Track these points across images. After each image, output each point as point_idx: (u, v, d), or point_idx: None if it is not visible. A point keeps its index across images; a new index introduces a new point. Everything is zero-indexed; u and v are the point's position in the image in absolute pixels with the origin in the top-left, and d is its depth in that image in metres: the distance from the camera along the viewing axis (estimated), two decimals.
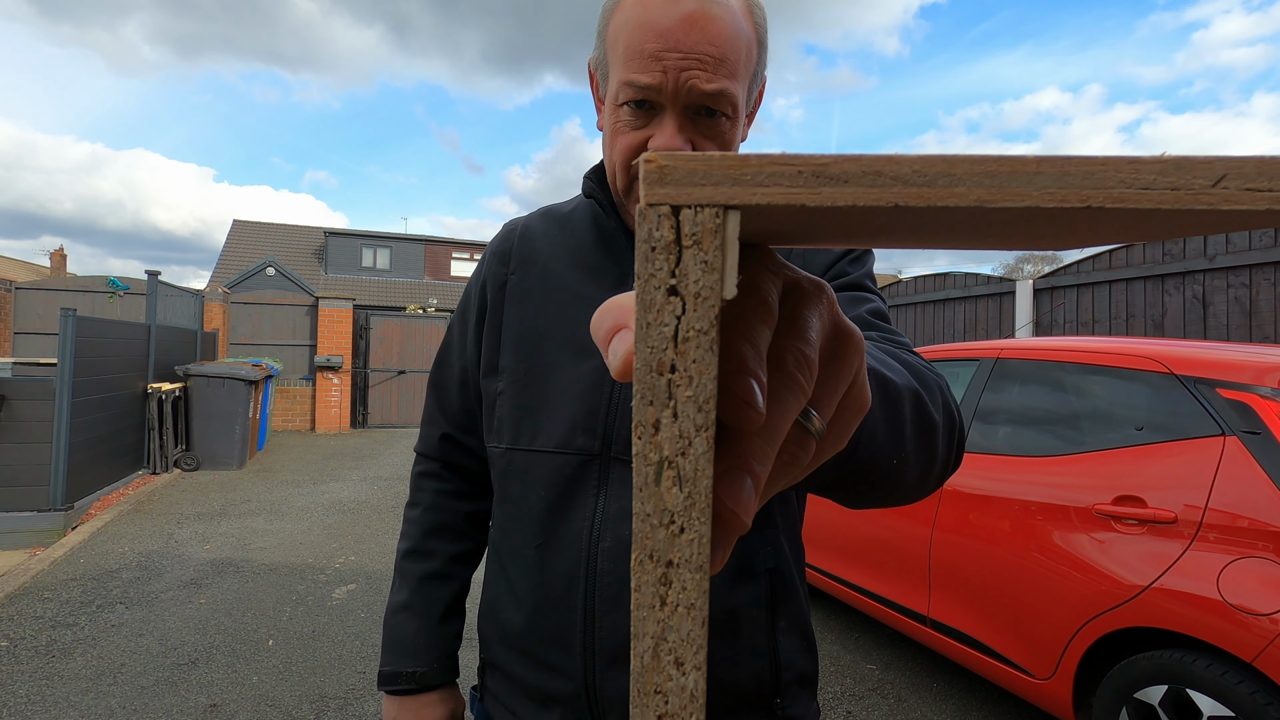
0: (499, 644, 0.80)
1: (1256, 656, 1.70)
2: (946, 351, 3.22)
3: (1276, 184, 0.17)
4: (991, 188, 0.17)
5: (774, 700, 0.73)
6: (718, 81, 0.64)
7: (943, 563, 2.66)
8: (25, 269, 24.93)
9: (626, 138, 0.69)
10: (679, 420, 0.18)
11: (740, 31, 0.66)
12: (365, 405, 11.61)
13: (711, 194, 0.18)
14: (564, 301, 0.77)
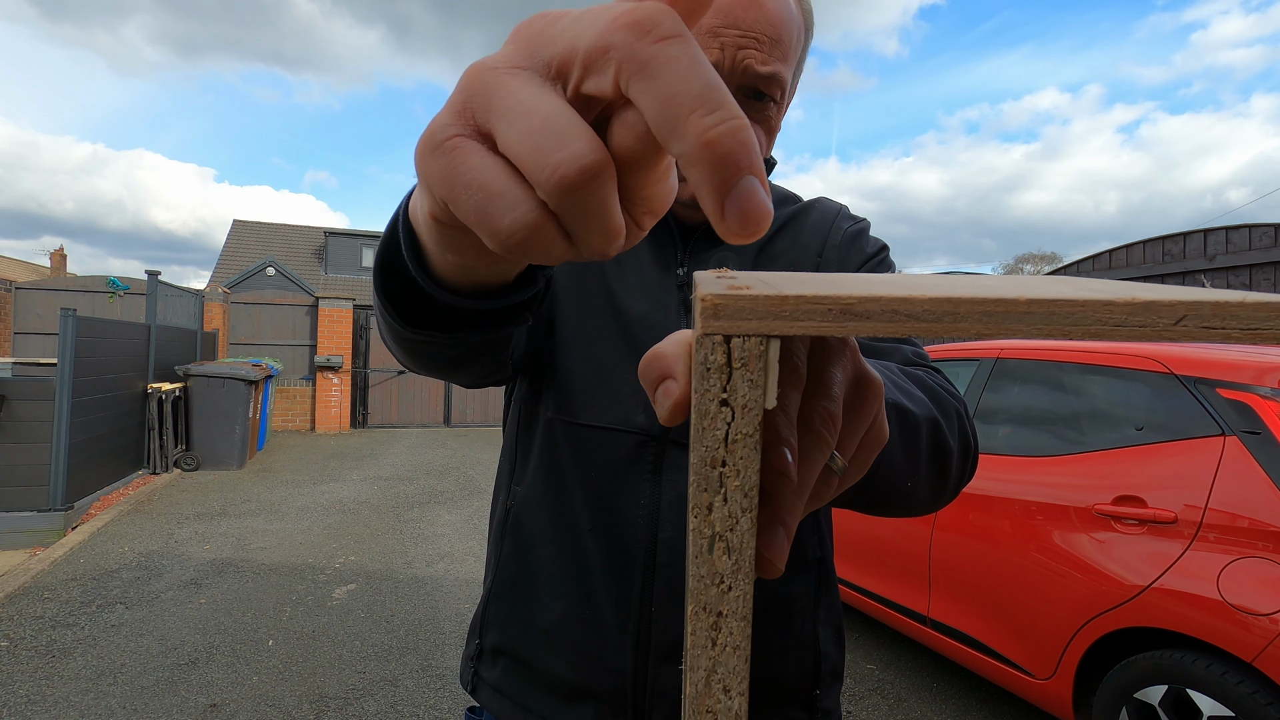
0: (520, 629, 0.73)
1: (1256, 656, 1.70)
2: (946, 351, 3.22)
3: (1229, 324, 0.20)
4: (989, 324, 0.21)
5: (814, 692, 0.72)
6: (772, 64, 0.64)
7: (943, 563, 2.66)
8: (25, 269, 24.93)
9: None
10: (728, 504, 0.22)
11: (793, 15, 0.66)
12: (365, 405, 11.61)
13: (756, 326, 0.22)
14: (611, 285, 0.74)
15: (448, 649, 3.22)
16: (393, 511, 5.87)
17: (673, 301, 0.72)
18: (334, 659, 3.09)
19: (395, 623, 3.51)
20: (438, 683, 2.89)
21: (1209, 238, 5.59)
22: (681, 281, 0.74)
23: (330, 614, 3.60)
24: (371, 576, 4.20)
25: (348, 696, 2.77)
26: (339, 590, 3.95)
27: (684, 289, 0.73)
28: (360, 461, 8.36)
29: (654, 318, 0.71)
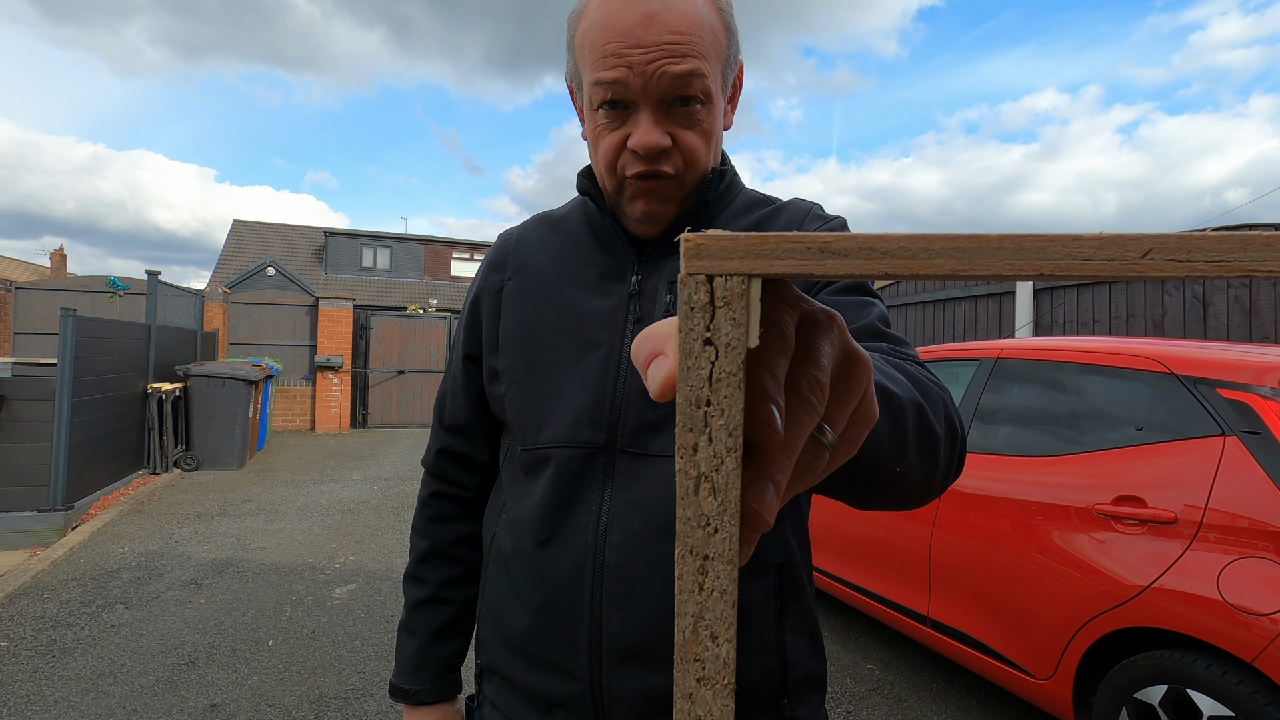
0: (501, 647, 0.78)
1: (1256, 656, 1.70)
2: (946, 351, 3.22)
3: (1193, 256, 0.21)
4: (963, 260, 0.22)
5: (781, 700, 0.71)
6: (687, 61, 0.65)
7: (943, 563, 2.66)
8: (25, 269, 24.92)
9: (607, 140, 0.70)
10: (713, 444, 0.23)
11: (703, 17, 0.66)
12: (365, 405, 11.61)
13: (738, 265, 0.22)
14: (562, 300, 0.77)
15: None
16: (393, 511, 5.87)
17: (619, 316, 0.74)
18: (334, 659, 3.09)
19: (395, 623, 3.50)
20: None
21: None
22: (633, 291, 0.75)
23: (330, 614, 3.60)
24: (371, 576, 4.20)
25: (348, 696, 2.76)
26: (339, 590, 3.95)
27: (635, 298, 0.74)
28: (360, 461, 8.36)
29: (598, 334, 0.74)
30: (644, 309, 0.74)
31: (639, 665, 0.67)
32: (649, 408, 0.71)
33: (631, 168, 0.70)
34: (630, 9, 0.65)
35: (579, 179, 0.79)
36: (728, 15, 0.70)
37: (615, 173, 0.71)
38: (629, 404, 0.71)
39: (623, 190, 0.72)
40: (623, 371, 0.72)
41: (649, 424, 0.71)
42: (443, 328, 12.22)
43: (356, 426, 11.51)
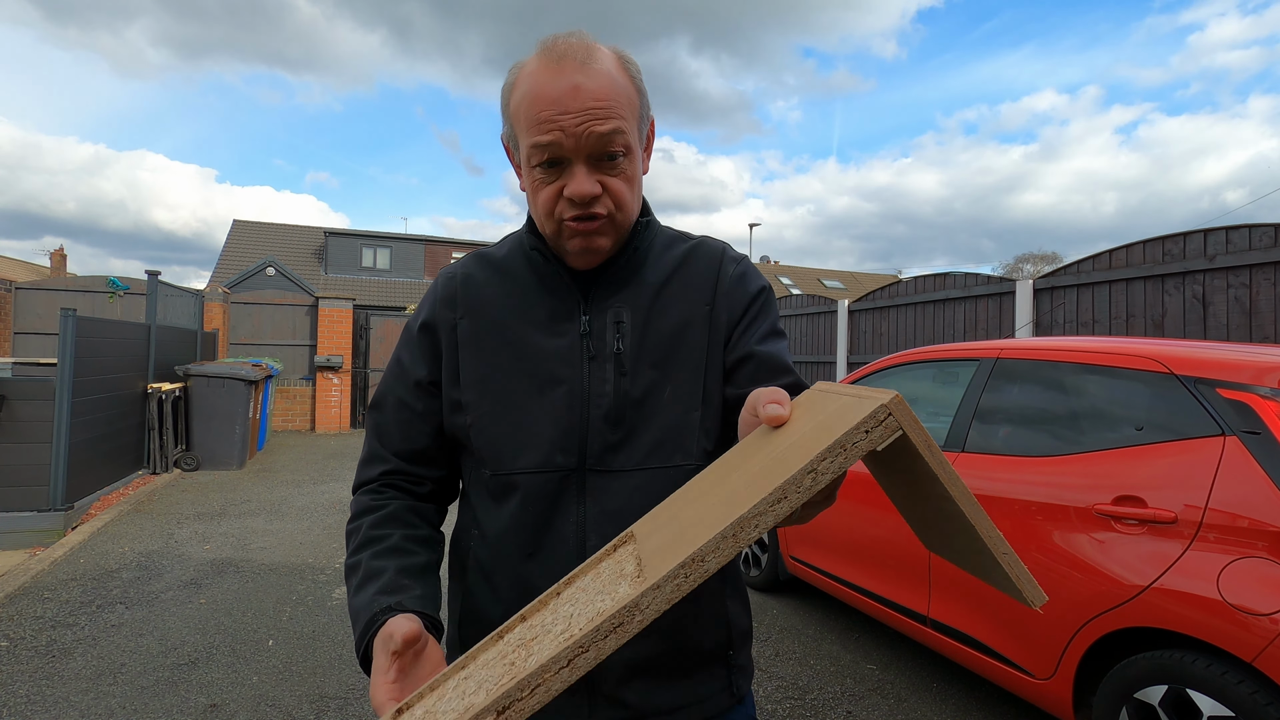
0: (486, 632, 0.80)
1: (1256, 656, 1.70)
2: (946, 351, 3.22)
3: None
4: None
5: (728, 652, 0.89)
6: (610, 122, 0.77)
7: (943, 563, 2.66)
8: (25, 269, 24.93)
9: (545, 192, 0.80)
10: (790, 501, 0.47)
11: (618, 85, 0.79)
12: (365, 405, 11.61)
13: (903, 434, 0.47)
14: (519, 340, 0.87)
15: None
16: None
17: (575, 354, 0.85)
18: (334, 659, 3.09)
19: None
20: None
21: (1209, 238, 5.58)
22: (584, 330, 0.86)
23: (330, 614, 3.60)
24: None
25: (348, 696, 2.77)
26: (339, 590, 3.95)
27: (586, 337, 0.86)
28: None
29: (561, 371, 0.85)
30: (595, 347, 0.85)
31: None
32: (610, 432, 0.83)
33: (569, 212, 0.80)
34: (558, 81, 0.76)
35: (526, 236, 0.89)
36: (638, 80, 0.83)
37: (554, 218, 0.82)
38: (593, 430, 0.83)
39: (561, 233, 0.83)
40: (586, 404, 0.84)
41: (612, 445, 0.83)
42: None
43: (356, 426, 11.51)
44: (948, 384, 3.14)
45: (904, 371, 3.46)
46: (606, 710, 0.82)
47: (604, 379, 0.84)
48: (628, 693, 0.82)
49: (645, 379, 0.85)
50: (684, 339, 0.87)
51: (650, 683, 0.83)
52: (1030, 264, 39.55)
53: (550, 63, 0.77)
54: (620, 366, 0.84)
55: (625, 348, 0.85)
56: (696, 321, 0.87)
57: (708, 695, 0.86)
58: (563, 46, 0.78)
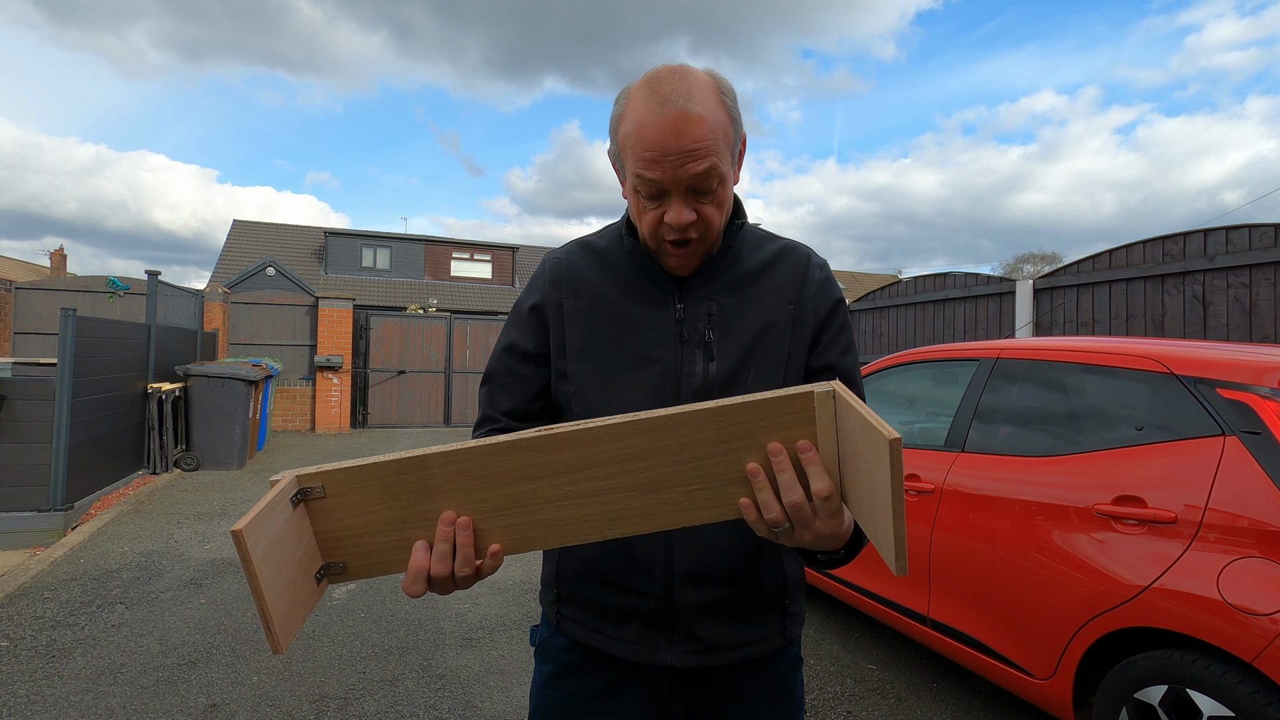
0: (581, 579, 1.00)
1: (1256, 656, 1.70)
2: (946, 351, 3.22)
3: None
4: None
5: (784, 601, 1.01)
6: (706, 161, 0.86)
7: (943, 563, 2.66)
8: (25, 269, 24.92)
9: (649, 216, 0.93)
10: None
11: (715, 121, 0.87)
12: (365, 405, 11.61)
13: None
14: (619, 321, 0.99)
15: (447, 649, 3.22)
16: None
17: (669, 336, 0.97)
18: (334, 659, 3.09)
19: (395, 623, 3.51)
20: (438, 683, 2.89)
21: (1209, 238, 5.58)
22: (679, 316, 0.98)
23: (330, 614, 3.60)
24: None
25: (348, 696, 2.77)
26: (339, 590, 3.95)
27: (680, 324, 0.97)
28: None
29: (658, 352, 0.97)
30: (688, 333, 0.97)
31: (697, 585, 0.95)
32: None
33: (668, 235, 0.92)
34: (661, 120, 0.85)
35: (626, 239, 1.01)
36: (733, 109, 0.91)
37: (655, 238, 0.95)
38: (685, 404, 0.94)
39: (660, 249, 0.96)
40: (678, 382, 0.96)
41: None
42: (443, 328, 12.21)
43: (356, 426, 11.51)
44: (948, 384, 3.14)
45: (904, 371, 3.46)
46: (682, 644, 0.96)
47: (694, 362, 0.96)
48: (699, 629, 0.96)
49: (731, 365, 0.96)
50: (768, 333, 0.97)
51: (718, 622, 0.96)
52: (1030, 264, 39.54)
53: (655, 104, 0.86)
54: (709, 353, 0.96)
55: (714, 337, 0.96)
56: (780, 319, 0.98)
57: (764, 636, 1.00)
58: (666, 87, 0.86)
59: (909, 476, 2.88)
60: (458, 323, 12.36)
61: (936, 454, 2.85)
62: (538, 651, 1.09)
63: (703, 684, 0.99)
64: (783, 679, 1.03)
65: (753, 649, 0.99)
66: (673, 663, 0.97)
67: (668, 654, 0.97)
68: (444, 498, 0.73)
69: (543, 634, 1.09)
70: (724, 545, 0.95)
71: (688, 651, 0.96)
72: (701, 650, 0.96)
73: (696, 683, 0.99)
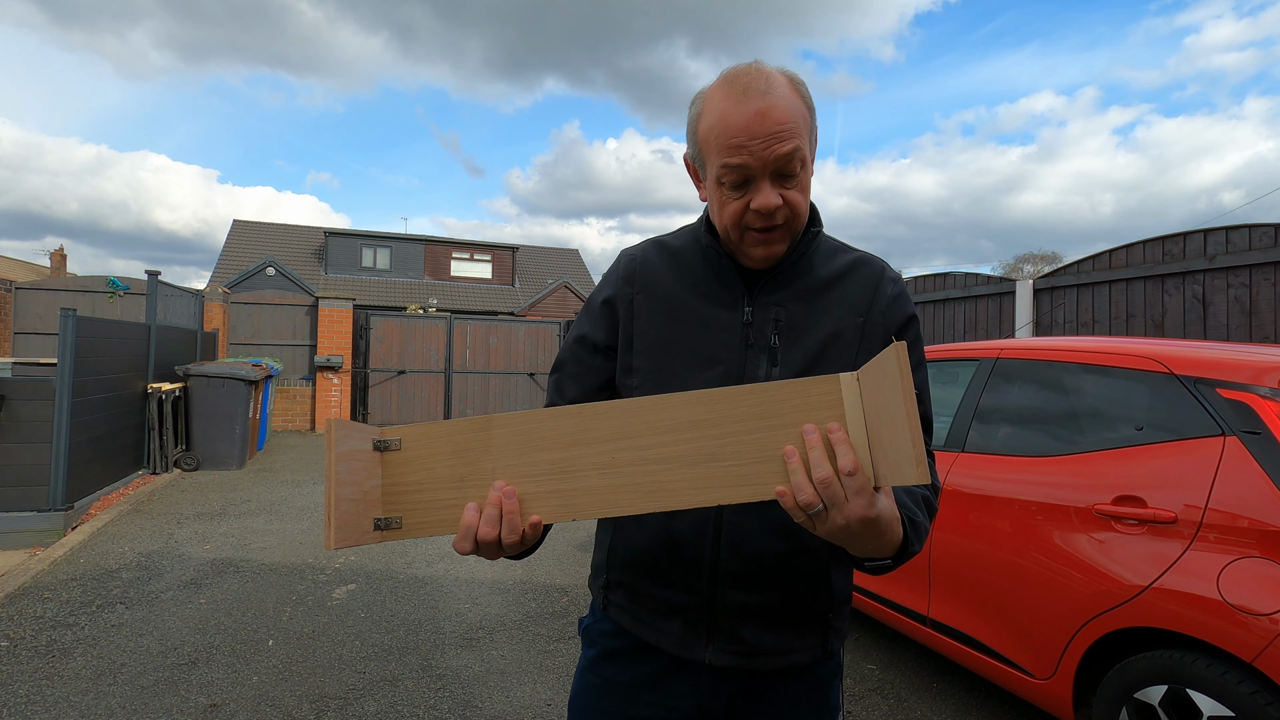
0: (630, 568, 1.02)
1: (1256, 656, 1.70)
2: (946, 351, 3.22)
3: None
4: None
5: (827, 614, 1.00)
6: (790, 142, 0.88)
7: (943, 563, 2.66)
8: (25, 269, 24.92)
9: (733, 205, 0.93)
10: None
11: (795, 108, 0.90)
12: (365, 405, 11.61)
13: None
14: (688, 320, 1.00)
15: (448, 649, 3.22)
16: None
17: (735, 339, 0.98)
18: (334, 659, 3.09)
19: (395, 623, 3.51)
20: (438, 683, 2.89)
21: (1209, 238, 5.58)
22: (746, 320, 0.98)
23: (330, 614, 3.60)
24: (371, 576, 4.20)
25: (348, 696, 2.76)
26: (339, 590, 3.95)
27: (747, 327, 0.98)
28: None
29: (723, 354, 0.98)
30: (754, 337, 0.98)
31: (741, 587, 0.96)
32: None
33: (756, 223, 0.93)
34: (744, 110, 0.87)
35: (704, 236, 1.03)
36: (808, 100, 0.94)
37: (740, 227, 0.94)
38: None
39: (744, 240, 0.96)
40: (739, 383, 0.95)
41: None
42: (443, 328, 12.22)
43: None
44: (948, 384, 3.14)
45: None
46: (722, 643, 0.97)
47: (758, 365, 0.97)
48: (741, 630, 0.97)
49: (793, 372, 0.96)
50: (834, 343, 0.97)
51: (760, 626, 0.97)
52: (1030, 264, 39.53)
53: (736, 94, 0.89)
54: (773, 358, 0.97)
55: (780, 343, 0.97)
56: (848, 331, 0.98)
57: (805, 646, 1.00)
58: (745, 78, 0.90)
59: None
60: (458, 323, 12.36)
61: (936, 454, 2.85)
62: (583, 635, 1.12)
63: (743, 685, 1.00)
64: (822, 686, 1.04)
65: (793, 658, 0.99)
66: (712, 660, 0.98)
67: (708, 652, 0.98)
68: (502, 457, 0.79)
69: (589, 619, 1.11)
70: (772, 550, 0.95)
71: (728, 651, 0.97)
72: (742, 653, 0.97)
73: (737, 682, 1.00)
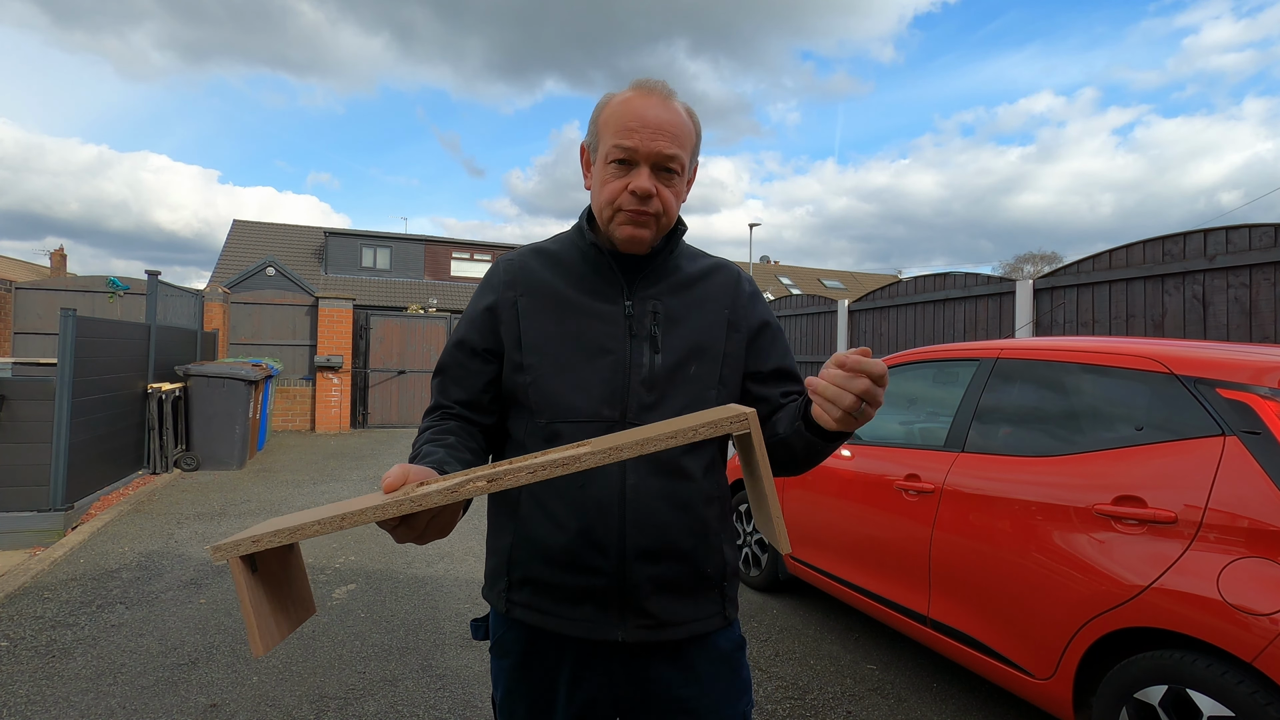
0: (539, 562, 1.05)
1: (1256, 656, 1.70)
2: (946, 351, 3.22)
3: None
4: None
5: (723, 584, 1.11)
6: (674, 148, 1.03)
7: (943, 563, 2.66)
8: (25, 269, 24.91)
9: (613, 184, 1.04)
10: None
11: (685, 125, 1.06)
12: (365, 405, 11.61)
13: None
14: (574, 314, 1.08)
15: (448, 649, 3.22)
16: None
17: (620, 330, 1.07)
18: (334, 659, 3.09)
19: (395, 623, 3.51)
20: (438, 683, 2.89)
21: (1209, 238, 5.58)
22: (628, 312, 1.08)
23: (330, 614, 3.60)
24: (371, 576, 4.20)
25: (348, 696, 2.76)
26: (339, 590, 3.95)
27: (629, 319, 1.08)
28: (360, 461, 8.36)
29: (609, 344, 1.07)
30: (636, 328, 1.08)
31: (648, 560, 1.03)
32: (645, 394, 1.05)
33: (628, 204, 1.04)
34: (645, 102, 1.03)
35: (582, 220, 1.14)
36: (698, 128, 1.10)
37: (613, 206, 1.05)
38: (633, 392, 1.05)
39: (614, 219, 1.06)
40: (628, 371, 1.06)
41: (647, 405, 1.05)
42: (443, 328, 12.21)
43: (356, 426, 11.51)
44: (948, 384, 3.14)
45: (904, 371, 3.46)
46: (635, 619, 1.03)
47: (642, 353, 1.06)
48: (652, 605, 1.03)
49: (674, 358, 1.07)
50: (708, 332, 1.10)
51: (669, 598, 1.04)
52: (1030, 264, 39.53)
53: (642, 92, 1.05)
54: (654, 346, 1.07)
55: (659, 333, 1.07)
56: (718, 321, 1.11)
57: (707, 614, 1.08)
58: (652, 84, 1.06)
59: (909, 476, 2.88)
60: (462, 322, 12.35)
61: (936, 454, 2.85)
62: (494, 648, 1.14)
63: (653, 664, 1.06)
64: (729, 658, 1.11)
65: (696, 625, 1.06)
66: (625, 638, 1.03)
67: (619, 630, 1.03)
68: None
69: (496, 629, 1.13)
70: (674, 523, 1.03)
71: (638, 627, 1.03)
72: (650, 626, 1.03)
73: (647, 662, 1.05)
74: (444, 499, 0.73)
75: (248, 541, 0.73)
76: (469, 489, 0.74)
